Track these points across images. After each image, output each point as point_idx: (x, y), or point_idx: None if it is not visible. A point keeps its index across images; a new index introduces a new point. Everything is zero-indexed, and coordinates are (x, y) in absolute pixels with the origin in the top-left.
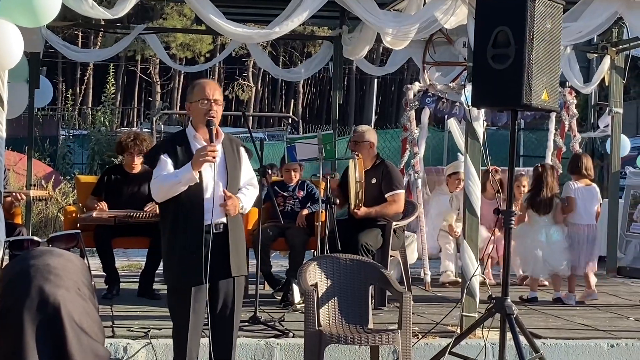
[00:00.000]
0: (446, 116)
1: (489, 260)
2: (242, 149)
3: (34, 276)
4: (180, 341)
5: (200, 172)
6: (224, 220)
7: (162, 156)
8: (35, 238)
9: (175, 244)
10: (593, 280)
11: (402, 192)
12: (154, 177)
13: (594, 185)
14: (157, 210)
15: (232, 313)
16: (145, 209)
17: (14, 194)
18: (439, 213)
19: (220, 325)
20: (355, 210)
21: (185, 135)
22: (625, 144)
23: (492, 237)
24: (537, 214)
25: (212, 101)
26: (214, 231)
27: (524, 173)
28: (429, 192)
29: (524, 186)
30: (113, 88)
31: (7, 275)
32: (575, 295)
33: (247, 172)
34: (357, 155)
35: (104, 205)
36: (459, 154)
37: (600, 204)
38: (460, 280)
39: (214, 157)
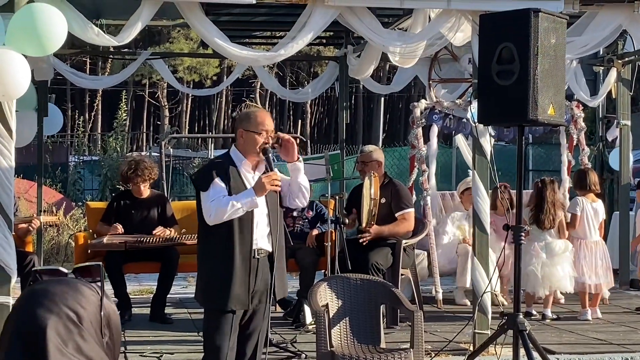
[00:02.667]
0: (453, 132)
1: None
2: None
3: (30, 300)
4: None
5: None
6: (267, 247)
7: (216, 179)
8: (61, 268)
9: (225, 268)
10: (606, 294)
11: (412, 210)
12: (210, 199)
13: (600, 201)
14: (166, 234)
15: (257, 337)
16: (154, 233)
17: (29, 220)
18: (454, 233)
19: (251, 347)
20: (367, 229)
21: (233, 160)
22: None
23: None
24: (540, 229)
25: (270, 133)
26: (257, 257)
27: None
28: (445, 213)
29: None
30: (125, 114)
31: (15, 301)
32: (589, 310)
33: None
34: (374, 173)
35: (119, 226)
36: (469, 170)
37: (604, 219)
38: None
39: (277, 186)
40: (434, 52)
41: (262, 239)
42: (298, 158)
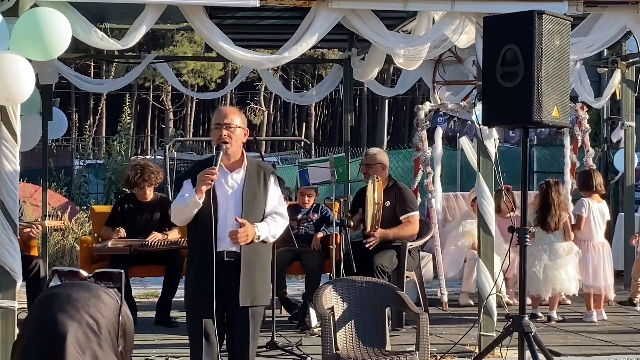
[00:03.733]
0: (458, 134)
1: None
2: (271, 178)
3: (52, 304)
4: None
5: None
6: (237, 249)
7: (185, 181)
8: (82, 271)
9: (190, 269)
10: (611, 296)
11: (416, 213)
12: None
13: (604, 202)
14: (157, 238)
15: (247, 342)
16: (148, 239)
17: (32, 225)
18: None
19: (236, 354)
20: (372, 232)
21: (211, 161)
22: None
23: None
24: (544, 232)
25: (223, 126)
26: (225, 259)
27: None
28: (450, 219)
29: None
30: (129, 118)
31: (35, 300)
32: (594, 312)
33: (273, 201)
34: (377, 177)
35: (122, 231)
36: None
37: (608, 220)
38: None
39: (211, 181)
40: (438, 55)
41: (231, 241)
42: (252, 240)
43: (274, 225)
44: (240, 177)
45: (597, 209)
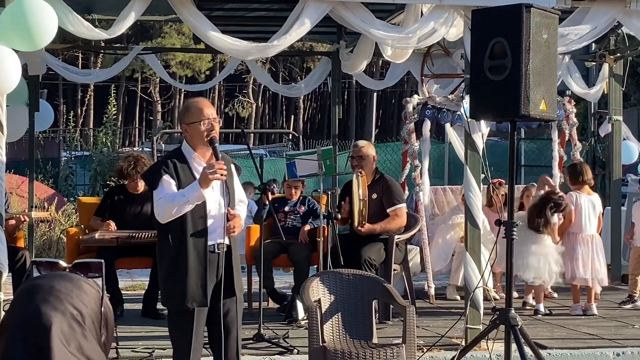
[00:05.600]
0: (449, 124)
1: (498, 273)
2: (232, 167)
3: (35, 296)
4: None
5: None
6: (227, 241)
7: (164, 177)
8: (61, 262)
9: (179, 266)
10: (598, 289)
11: (404, 206)
12: (158, 197)
13: (596, 194)
14: None
15: (236, 333)
16: None
17: (16, 216)
18: (452, 233)
19: (225, 345)
20: (360, 228)
21: (184, 155)
22: (633, 150)
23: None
24: (530, 230)
25: (212, 119)
26: (217, 251)
27: (535, 184)
28: (439, 212)
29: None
30: (115, 109)
31: (16, 292)
32: (580, 305)
33: (240, 189)
34: (361, 172)
35: (112, 224)
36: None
37: (602, 213)
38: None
39: (222, 175)
40: (426, 48)
41: (220, 233)
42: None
43: (243, 214)
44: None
45: (588, 201)
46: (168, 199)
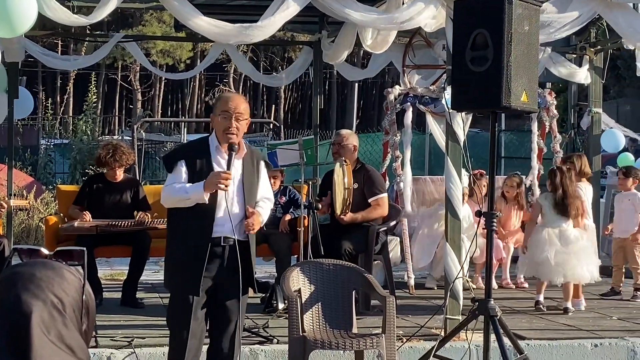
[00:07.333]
0: (429, 114)
1: (479, 264)
2: (262, 164)
3: (16, 283)
4: (179, 349)
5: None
6: (241, 237)
7: (179, 163)
8: (43, 249)
9: (180, 251)
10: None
11: (385, 195)
12: (167, 183)
13: (590, 185)
14: (150, 219)
15: (234, 327)
16: (137, 219)
17: None
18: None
19: (222, 340)
20: (342, 217)
21: (208, 145)
22: (620, 138)
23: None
24: (559, 216)
25: (234, 115)
26: (222, 244)
27: (519, 173)
28: (421, 202)
29: (517, 185)
30: (95, 97)
31: None
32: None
33: (264, 187)
34: (346, 161)
35: (87, 215)
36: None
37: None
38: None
39: (226, 186)
40: (408, 39)
41: (229, 227)
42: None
43: (265, 210)
44: (239, 164)
45: (587, 193)
46: (173, 190)
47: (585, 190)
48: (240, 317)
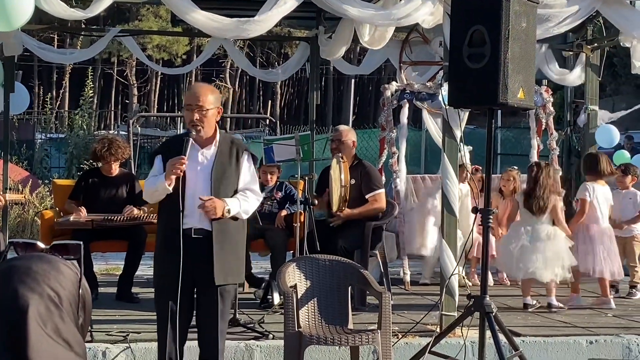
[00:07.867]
0: (426, 110)
1: (474, 259)
2: (245, 155)
3: (12, 277)
4: (161, 340)
5: (184, 177)
6: (206, 226)
7: (156, 158)
8: (39, 243)
9: (158, 245)
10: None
11: (382, 191)
12: (147, 178)
13: (607, 186)
14: (134, 213)
15: (215, 323)
16: (124, 213)
17: None
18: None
19: (205, 331)
20: (339, 213)
21: (188, 136)
22: (615, 134)
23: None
24: (531, 214)
25: (195, 107)
26: (193, 236)
27: (515, 167)
28: (417, 200)
29: (513, 178)
30: (91, 92)
31: None
32: (577, 296)
33: (246, 178)
34: (343, 158)
35: (83, 210)
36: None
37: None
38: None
39: (181, 171)
40: (405, 35)
41: (199, 218)
42: (222, 215)
43: (244, 201)
44: (210, 154)
45: (602, 193)
46: (147, 184)
47: (596, 191)
48: (224, 307)
